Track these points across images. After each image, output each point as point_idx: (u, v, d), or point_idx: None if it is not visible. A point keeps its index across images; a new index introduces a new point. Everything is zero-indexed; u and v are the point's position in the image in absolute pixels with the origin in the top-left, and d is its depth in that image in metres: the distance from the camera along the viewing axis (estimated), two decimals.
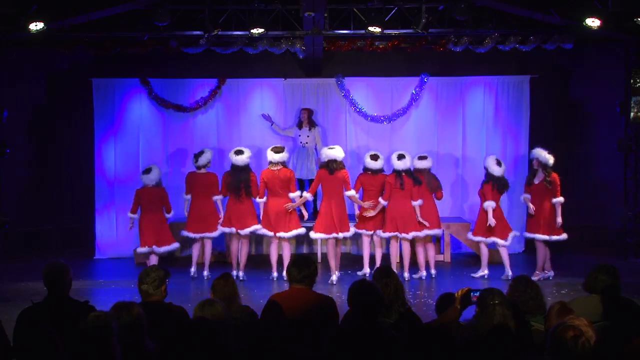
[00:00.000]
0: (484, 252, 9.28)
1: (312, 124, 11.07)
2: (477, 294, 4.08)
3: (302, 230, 9.24)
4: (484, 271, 9.30)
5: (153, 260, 9.15)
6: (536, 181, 9.06)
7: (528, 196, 9.08)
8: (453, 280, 9.18)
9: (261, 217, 9.34)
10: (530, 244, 11.32)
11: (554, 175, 9.06)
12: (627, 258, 10.67)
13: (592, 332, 3.39)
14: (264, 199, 9.19)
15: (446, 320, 4.28)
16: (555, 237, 9.07)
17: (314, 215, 10.09)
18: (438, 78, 11.51)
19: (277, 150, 9.22)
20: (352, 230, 9.25)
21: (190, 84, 11.48)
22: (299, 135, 11.02)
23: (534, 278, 8.87)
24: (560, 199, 9.02)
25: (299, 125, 11.11)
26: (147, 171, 9.33)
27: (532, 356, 3.81)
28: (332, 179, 8.99)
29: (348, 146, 11.45)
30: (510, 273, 9.09)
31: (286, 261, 9.14)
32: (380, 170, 9.28)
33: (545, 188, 8.96)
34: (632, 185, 10.91)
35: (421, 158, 9.49)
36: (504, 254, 9.21)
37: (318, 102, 11.46)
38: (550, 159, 9.00)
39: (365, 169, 9.31)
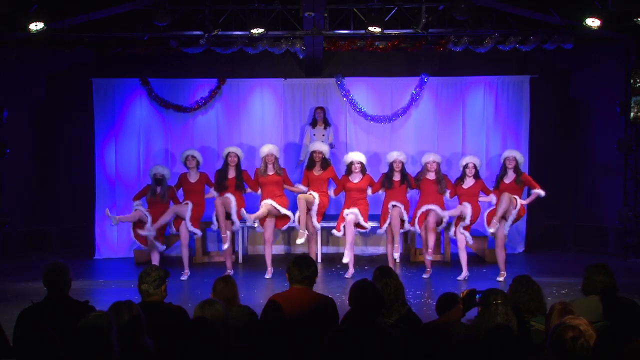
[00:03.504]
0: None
1: (326, 123, 11.14)
2: (481, 295, 4.08)
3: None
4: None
5: (155, 258, 9.17)
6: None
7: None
8: (453, 280, 9.17)
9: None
10: (530, 243, 11.36)
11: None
12: (627, 258, 10.67)
13: (593, 331, 3.39)
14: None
15: (449, 319, 4.28)
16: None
17: None
18: (438, 78, 11.51)
19: None
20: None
21: (190, 84, 11.47)
22: (314, 135, 11.04)
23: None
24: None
25: (313, 124, 11.15)
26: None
27: (532, 356, 3.81)
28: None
29: (348, 146, 11.45)
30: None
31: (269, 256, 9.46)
32: None
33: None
34: (632, 185, 10.90)
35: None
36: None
37: (318, 102, 11.45)
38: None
39: None
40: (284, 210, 9.31)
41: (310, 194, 9.41)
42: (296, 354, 4.20)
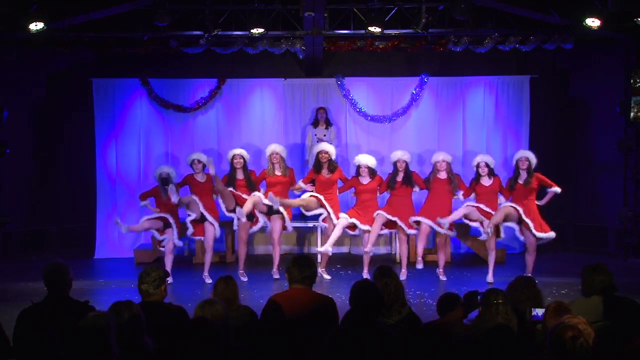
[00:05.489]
0: None
1: (328, 123, 11.13)
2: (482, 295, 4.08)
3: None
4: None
5: (168, 263, 9.15)
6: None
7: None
8: (453, 281, 9.17)
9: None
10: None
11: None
12: (627, 258, 10.67)
13: (591, 330, 3.40)
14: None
15: (450, 320, 4.29)
16: None
17: None
18: (438, 78, 11.51)
19: None
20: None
21: (190, 84, 11.47)
22: (315, 135, 11.04)
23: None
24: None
25: (314, 124, 11.14)
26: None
27: (532, 356, 3.81)
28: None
29: (348, 146, 11.45)
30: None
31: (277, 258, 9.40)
32: None
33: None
34: (632, 185, 10.90)
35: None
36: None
37: (318, 102, 11.45)
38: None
39: None
40: (265, 201, 9.07)
41: (313, 195, 9.34)
42: (296, 354, 4.20)
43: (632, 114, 10.51)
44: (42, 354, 3.33)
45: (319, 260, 10.07)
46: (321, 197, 9.29)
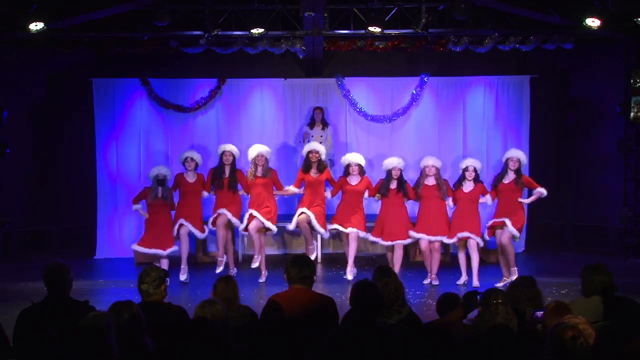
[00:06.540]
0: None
1: (324, 124, 11.10)
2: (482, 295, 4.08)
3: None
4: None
5: (164, 263, 9.07)
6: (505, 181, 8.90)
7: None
8: (453, 281, 9.16)
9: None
10: (530, 243, 11.35)
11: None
12: (627, 258, 10.67)
13: (591, 330, 3.40)
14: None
15: (450, 320, 4.29)
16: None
17: None
18: (438, 78, 11.51)
19: None
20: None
21: (190, 84, 11.47)
22: (312, 136, 10.98)
23: (500, 284, 8.52)
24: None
25: (311, 125, 11.11)
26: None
27: (532, 356, 3.81)
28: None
29: (348, 146, 11.45)
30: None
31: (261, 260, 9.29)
32: None
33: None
34: (632, 185, 10.90)
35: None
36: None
37: (318, 102, 11.45)
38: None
39: None
40: (268, 224, 9.07)
41: (304, 212, 9.18)
42: (296, 354, 4.20)
43: (632, 114, 10.51)
44: (42, 354, 3.33)
45: (318, 260, 10.09)
46: (311, 215, 9.16)
